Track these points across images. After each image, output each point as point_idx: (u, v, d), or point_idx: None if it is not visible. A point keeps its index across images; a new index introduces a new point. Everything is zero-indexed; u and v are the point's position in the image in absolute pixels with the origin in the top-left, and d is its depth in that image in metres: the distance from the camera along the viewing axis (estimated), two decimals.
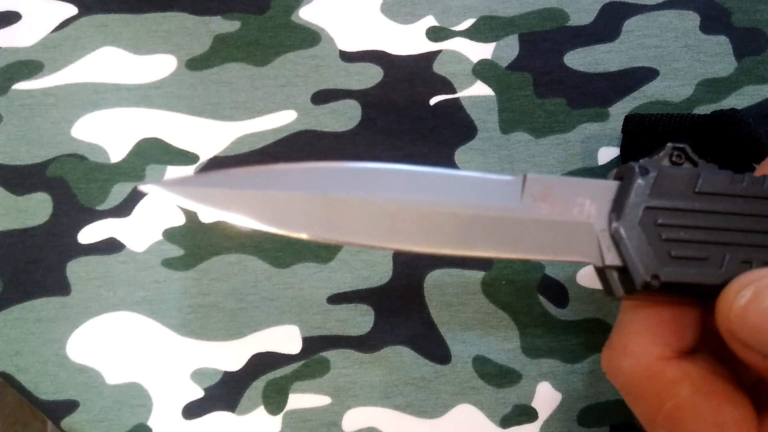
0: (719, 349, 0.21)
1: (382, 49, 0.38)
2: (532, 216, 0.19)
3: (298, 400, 0.34)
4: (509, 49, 0.38)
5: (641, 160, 0.20)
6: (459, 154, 0.36)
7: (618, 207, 0.20)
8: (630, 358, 0.21)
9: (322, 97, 0.37)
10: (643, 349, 0.20)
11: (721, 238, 0.20)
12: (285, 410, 0.34)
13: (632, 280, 0.19)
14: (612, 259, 0.20)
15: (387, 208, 0.19)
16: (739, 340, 0.18)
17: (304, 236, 0.19)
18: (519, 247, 0.19)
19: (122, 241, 0.36)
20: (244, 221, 0.19)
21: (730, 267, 0.19)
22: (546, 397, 0.34)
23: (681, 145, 0.21)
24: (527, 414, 0.34)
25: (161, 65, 0.38)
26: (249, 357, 0.34)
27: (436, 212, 0.19)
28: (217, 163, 0.37)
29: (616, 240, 0.19)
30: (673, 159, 0.21)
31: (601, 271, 0.20)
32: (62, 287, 0.35)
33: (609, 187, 0.20)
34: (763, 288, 0.18)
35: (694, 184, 0.20)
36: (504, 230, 0.19)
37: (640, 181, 0.20)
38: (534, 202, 0.19)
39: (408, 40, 0.38)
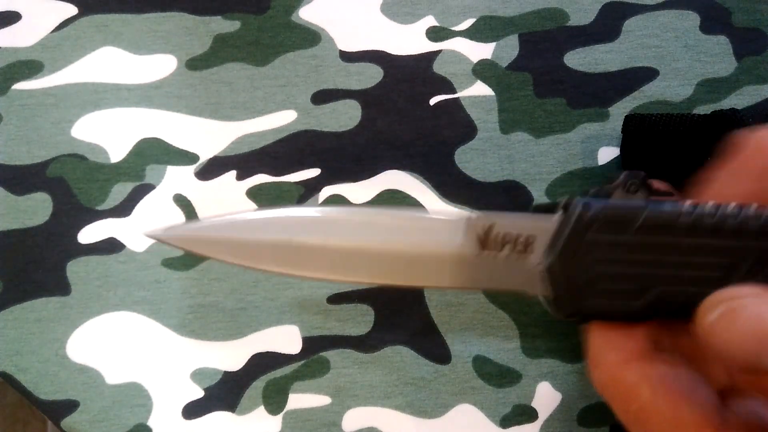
0: (692, 347, 0.21)
1: (382, 49, 0.38)
2: (472, 253, 0.21)
3: (298, 400, 0.34)
4: (509, 49, 0.38)
5: (591, 192, 0.21)
6: (459, 154, 0.36)
7: (554, 242, 0.21)
8: (596, 368, 0.22)
9: (322, 97, 0.37)
10: (602, 358, 0.22)
11: (653, 271, 0.20)
12: (285, 410, 0.34)
13: (561, 308, 0.21)
14: (543, 290, 0.21)
15: (343, 249, 0.22)
16: (711, 352, 0.19)
17: (274, 271, 0.23)
18: (461, 280, 0.21)
19: (122, 241, 0.36)
20: (225, 260, 0.24)
21: (652, 297, 0.20)
22: (546, 397, 0.34)
23: (636, 174, 0.21)
24: (527, 414, 0.34)
25: (161, 65, 0.38)
26: (249, 357, 0.34)
27: (385, 252, 0.22)
28: (217, 163, 0.37)
29: (548, 273, 0.21)
30: (628, 188, 0.21)
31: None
32: (62, 287, 0.35)
33: (550, 223, 0.21)
34: (731, 310, 0.19)
35: (636, 219, 0.20)
36: (447, 266, 0.21)
37: (579, 217, 0.21)
38: (476, 240, 0.21)
39: (408, 40, 0.38)
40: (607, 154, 0.36)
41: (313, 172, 0.36)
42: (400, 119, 0.37)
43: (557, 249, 0.20)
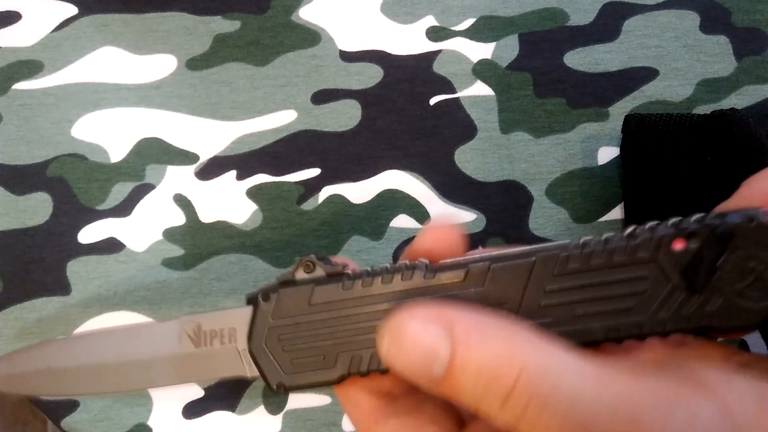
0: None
1: (382, 49, 0.38)
2: (188, 352, 0.25)
3: (298, 399, 0.34)
4: (509, 49, 0.38)
5: (279, 279, 0.24)
6: (459, 154, 0.37)
7: (251, 330, 0.24)
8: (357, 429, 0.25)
9: (322, 96, 0.37)
10: (354, 419, 0.24)
11: (333, 340, 0.23)
12: (285, 410, 0.34)
13: (269, 387, 0.24)
14: (252, 372, 0.24)
15: (91, 368, 0.25)
16: (400, 377, 0.21)
17: (42, 397, 0.26)
18: (186, 376, 0.25)
19: (122, 240, 0.36)
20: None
21: (343, 364, 0.23)
22: None
23: (308, 258, 0.24)
24: None
25: (161, 65, 0.38)
26: None
27: (120, 365, 0.25)
28: (217, 162, 0.37)
29: (251, 356, 0.24)
30: (306, 270, 0.24)
31: None
32: (62, 287, 0.35)
33: (245, 313, 0.24)
34: (394, 336, 0.21)
35: (309, 297, 0.23)
36: (172, 366, 0.25)
37: (263, 307, 0.24)
38: (189, 340, 0.25)
39: (408, 40, 0.38)
40: (607, 153, 0.36)
41: (313, 172, 0.36)
42: (400, 119, 0.37)
43: (253, 335, 0.24)
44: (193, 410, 0.34)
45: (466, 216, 0.36)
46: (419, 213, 0.36)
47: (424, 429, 0.23)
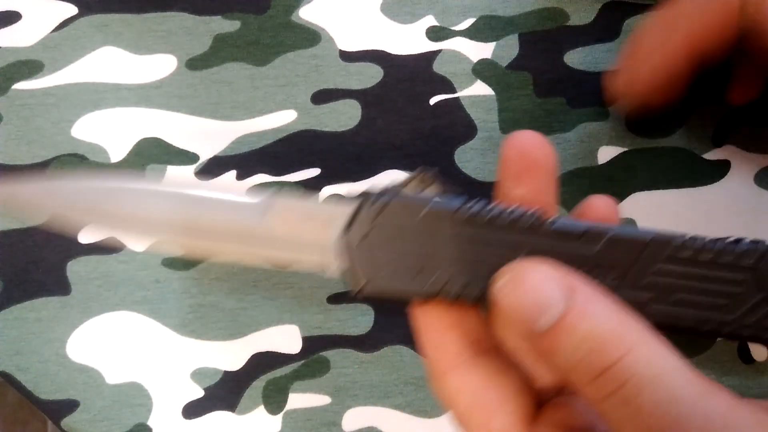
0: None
1: (382, 49, 0.38)
2: (271, 229, 0.24)
3: (298, 399, 0.34)
4: (509, 48, 0.38)
5: (387, 185, 0.24)
6: (459, 154, 0.37)
7: (349, 225, 0.23)
8: (430, 378, 0.24)
9: (322, 96, 0.37)
10: (431, 368, 0.24)
11: (432, 259, 0.23)
12: (285, 410, 0.34)
13: (351, 287, 0.23)
14: (335, 270, 0.23)
15: (154, 217, 0.24)
16: (499, 321, 0.21)
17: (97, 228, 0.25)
18: (262, 255, 0.24)
19: (122, 240, 0.36)
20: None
21: (435, 284, 0.23)
22: None
23: (428, 173, 0.24)
24: None
25: (161, 65, 0.38)
26: (249, 357, 0.34)
27: (198, 224, 0.24)
28: (217, 162, 0.37)
29: (343, 250, 0.23)
30: (421, 183, 0.24)
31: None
32: (62, 287, 0.35)
33: (347, 207, 0.24)
34: (516, 276, 0.21)
35: (419, 212, 0.23)
36: (250, 242, 0.24)
37: (371, 204, 0.23)
38: (276, 217, 0.24)
39: (408, 39, 0.38)
40: (607, 153, 0.36)
41: (313, 172, 0.36)
42: (400, 119, 0.37)
43: (352, 229, 0.23)
44: (193, 410, 0.34)
45: None
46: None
47: (505, 394, 0.23)
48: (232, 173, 0.37)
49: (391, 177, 0.36)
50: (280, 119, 0.37)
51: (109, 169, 0.36)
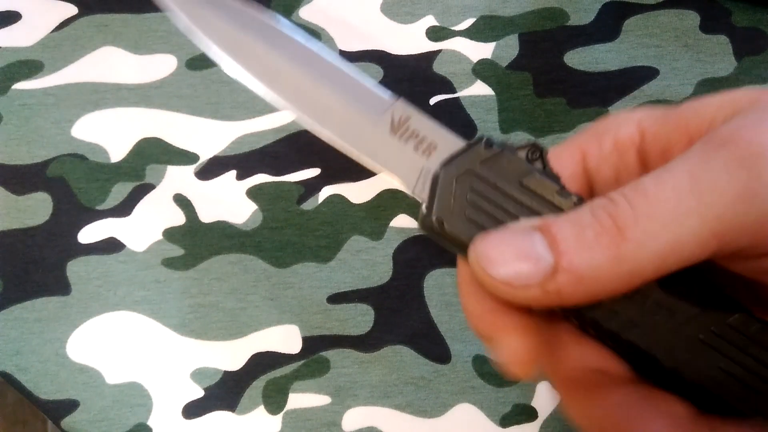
0: None
1: (382, 49, 0.38)
2: (379, 129, 0.23)
3: (298, 399, 0.34)
4: (509, 48, 0.38)
5: (503, 140, 0.23)
6: None
7: (451, 160, 0.23)
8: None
9: None
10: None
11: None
12: (285, 410, 0.34)
13: (424, 220, 0.23)
14: (420, 193, 0.23)
15: (287, 70, 0.24)
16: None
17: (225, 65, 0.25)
18: (361, 145, 0.24)
19: (122, 240, 0.36)
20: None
21: None
22: (546, 397, 0.34)
23: (539, 146, 0.23)
24: (527, 413, 0.34)
25: (161, 65, 0.38)
26: (249, 357, 0.34)
27: (316, 89, 0.24)
28: (217, 162, 0.37)
29: (433, 182, 0.23)
30: (528, 155, 0.23)
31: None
32: (62, 287, 0.35)
33: (456, 142, 0.23)
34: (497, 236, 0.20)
35: (523, 177, 0.22)
36: (357, 128, 0.24)
37: (480, 149, 0.23)
38: (391, 121, 0.23)
39: (408, 39, 0.38)
40: None
41: (313, 172, 0.36)
42: None
43: (450, 166, 0.23)
44: (193, 410, 0.34)
45: None
46: (419, 213, 0.36)
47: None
48: (232, 173, 0.37)
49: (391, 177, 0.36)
50: (280, 119, 0.37)
51: (110, 170, 0.36)
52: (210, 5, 0.25)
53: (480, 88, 0.37)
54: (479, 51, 0.38)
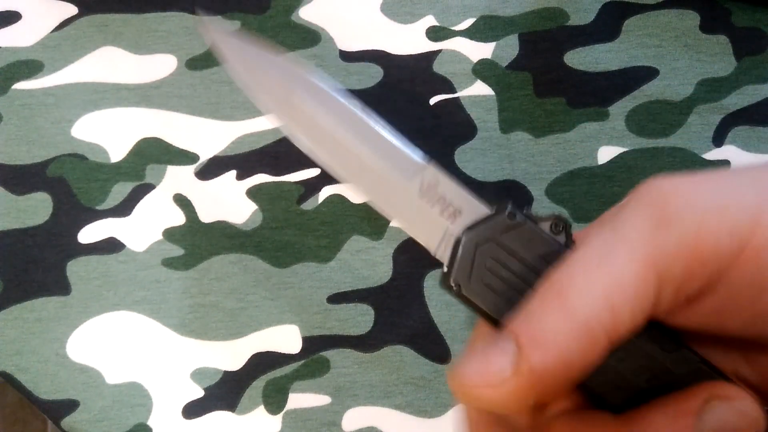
0: None
1: (382, 49, 0.38)
2: (411, 193, 0.24)
3: (298, 399, 0.34)
4: (509, 48, 0.38)
5: (526, 209, 0.24)
6: (459, 154, 0.36)
7: (473, 226, 0.23)
8: None
9: None
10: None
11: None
12: (285, 410, 0.34)
13: (444, 279, 0.23)
14: (442, 254, 0.24)
15: (329, 132, 0.25)
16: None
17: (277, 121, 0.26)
18: (389, 205, 0.25)
19: (122, 240, 0.36)
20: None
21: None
22: None
23: (564, 219, 0.23)
24: None
25: (161, 65, 0.38)
26: (249, 357, 0.34)
27: (354, 151, 0.25)
28: (217, 162, 0.37)
29: (455, 246, 0.23)
30: (552, 228, 0.23)
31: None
32: (62, 287, 0.35)
33: (480, 209, 0.24)
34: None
35: (544, 251, 0.23)
36: (387, 188, 0.25)
37: (504, 218, 0.23)
38: (420, 185, 0.24)
39: (408, 39, 0.38)
40: (607, 153, 0.36)
41: (313, 172, 0.36)
42: (400, 119, 0.37)
43: (472, 232, 0.23)
44: (193, 410, 0.34)
45: None
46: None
47: None
48: (232, 173, 0.36)
49: None
50: None
51: (110, 170, 0.36)
52: (259, 60, 0.26)
53: (480, 88, 0.37)
54: (479, 51, 0.38)
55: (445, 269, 0.23)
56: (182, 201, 0.36)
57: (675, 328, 0.21)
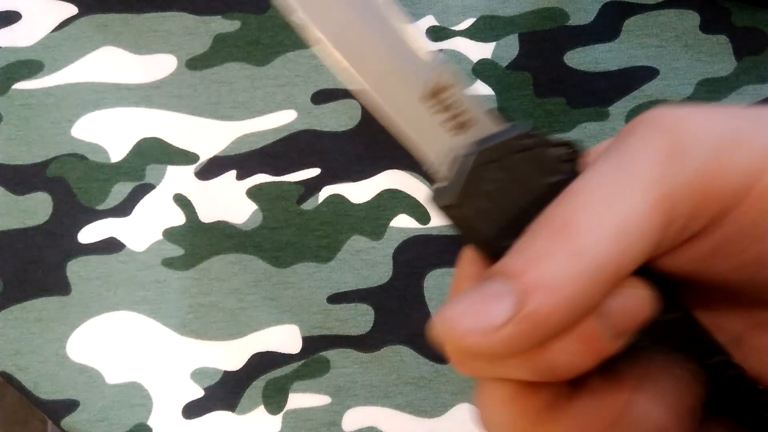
0: None
1: None
2: (416, 92, 0.21)
3: (298, 399, 0.34)
4: (509, 48, 0.38)
5: (541, 133, 0.21)
6: None
7: (485, 141, 0.21)
8: None
9: (322, 96, 0.37)
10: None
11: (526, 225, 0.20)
12: (285, 410, 0.34)
13: (440, 195, 0.21)
14: (437, 171, 0.21)
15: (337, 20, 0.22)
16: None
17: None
18: (392, 104, 0.22)
19: (122, 240, 0.36)
20: None
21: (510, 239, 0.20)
22: None
23: (577, 147, 0.21)
24: None
25: (161, 65, 0.38)
26: (249, 357, 0.34)
27: (365, 40, 0.21)
28: (217, 162, 0.37)
29: (454, 161, 0.21)
30: (566, 155, 0.21)
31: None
32: (62, 287, 0.35)
33: (494, 123, 0.21)
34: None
35: (551, 179, 0.21)
36: (389, 84, 0.21)
37: (514, 140, 0.21)
38: (422, 87, 0.21)
39: None
40: None
41: (313, 172, 0.36)
42: None
43: (481, 148, 0.21)
44: (193, 410, 0.34)
45: None
46: (419, 213, 0.36)
47: None
48: (232, 173, 0.36)
49: (391, 177, 0.36)
50: (280, 119, 0.37)
51: (110, 170, 0.36)
52: None
53: (480, 88, 0.37)
54: (479, 51, 0.38)
55: (441, 185, 0.21)
56: (182, 201, 0.36)
57: (662, 273, 0.19)
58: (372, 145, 0.37)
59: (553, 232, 0.18)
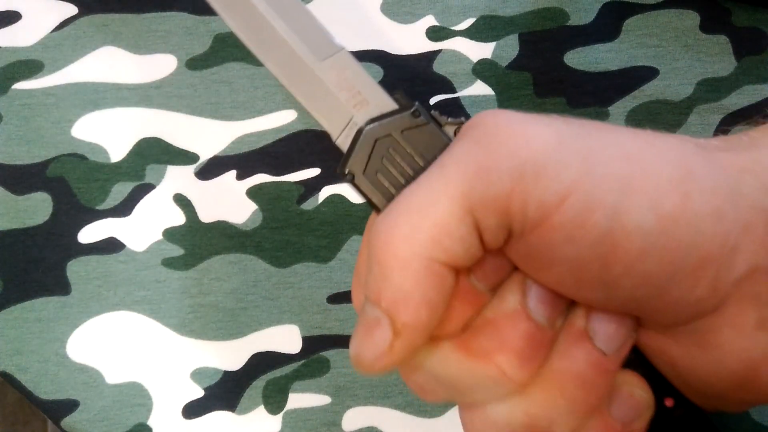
0: None
1: (382, 49, 0.38)
2: (320, 74, 0.24)
3: (298, 399, 0.34)
4: (509, 48, 0.38)
5: (434, 111, 0.23)
6: None
7: (376, 119, 0.23)
8: None
9: None
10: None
11: None
12: (285, 410, 0.34)
13: (340, 164, 0.23)
14: (342, 143, 0.24)
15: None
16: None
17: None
18: (296, 84, 0.24)
19: (122, 240, 0.36)
20: None
21: None
22: None
23: (462, 122, 0.23)
24: None
25: (161, 65, 0.38)
26: (249, 356, 0.34)
27: (266, 19, 0.24)
28: (217, 162, 0.37)
29: (355, 136, 0.23)
30: (456, 132, 0.23)
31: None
32: (62, 287, 0.35)
33: (388, 104, 0.24)
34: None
35: (440, 155, 0.22)
36: (296, 66, 0.24)
37: (407, 116, 0.23)
38: (330, 68, 0.24)
39: (408, 39, 0.38)
40: None
41: (313, 172, 0.36)
42: None
43: (374, 125, 0.23)
44: (193, 410, 0.34)
45: None
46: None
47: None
48: (232, 173, 0.37)
49: None
50: (281, 119, 0.37)
51: (110, 170, 0.36)
52: None
53: (480, 88, 0.37)
54: (479, 51, 0.38)
55: (344, 159, 0.23)
56: (182, 201, 0.36)
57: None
58: None
59: (383, 251, 0.20)
